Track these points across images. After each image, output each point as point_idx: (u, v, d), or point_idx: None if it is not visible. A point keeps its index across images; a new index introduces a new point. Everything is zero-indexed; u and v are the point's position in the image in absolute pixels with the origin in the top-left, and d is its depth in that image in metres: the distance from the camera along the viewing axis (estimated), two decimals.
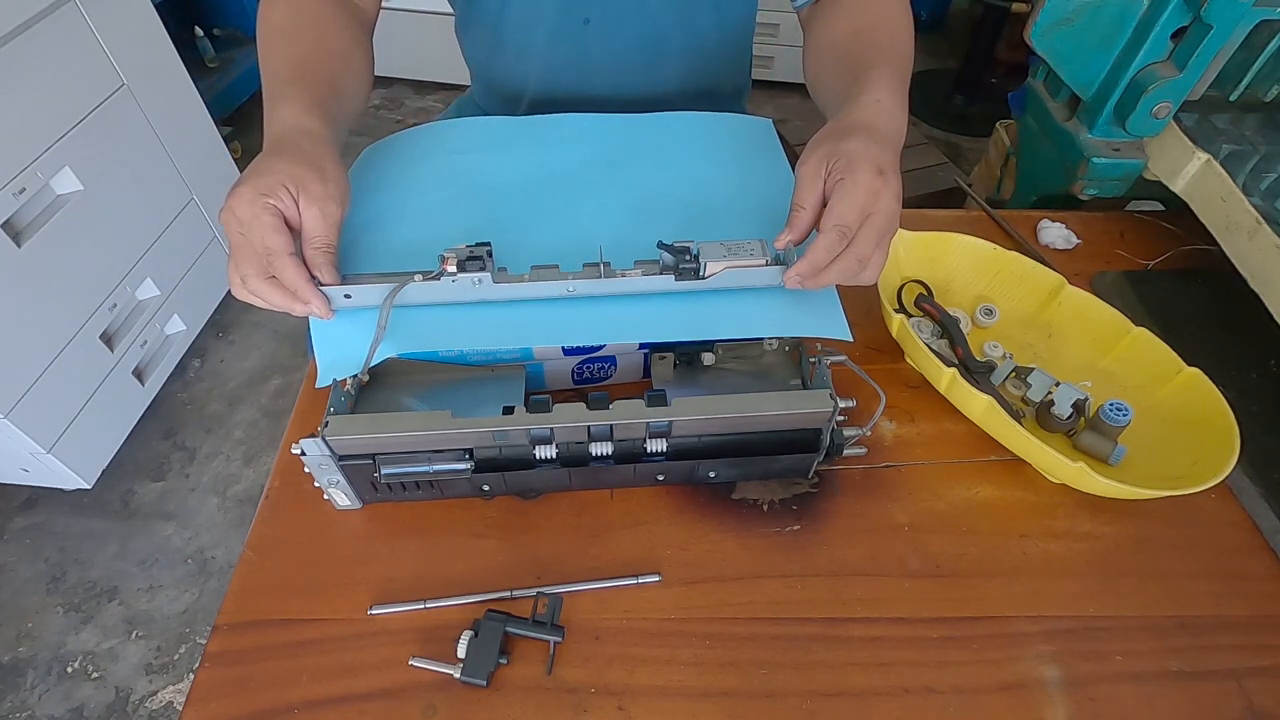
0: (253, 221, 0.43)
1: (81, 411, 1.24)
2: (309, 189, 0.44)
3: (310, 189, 0.44)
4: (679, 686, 0.44)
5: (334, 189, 0.45)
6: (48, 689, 1.14)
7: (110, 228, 1.26)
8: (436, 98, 2.38)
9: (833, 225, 0.45)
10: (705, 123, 0.66)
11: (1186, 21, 0.65)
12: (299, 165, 0.44)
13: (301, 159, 0.45)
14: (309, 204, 0.44)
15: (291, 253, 0.44)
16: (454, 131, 0.65)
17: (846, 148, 0.46)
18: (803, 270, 0.46)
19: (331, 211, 0.45)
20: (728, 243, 0.49)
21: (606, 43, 0.70)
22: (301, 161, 0.44)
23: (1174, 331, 0.57)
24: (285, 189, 0.43)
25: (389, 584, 0.48)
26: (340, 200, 0.46)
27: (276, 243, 0.43)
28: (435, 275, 0.47)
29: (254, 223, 0.43)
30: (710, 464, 0.50)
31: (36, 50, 1.09)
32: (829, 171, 0.46)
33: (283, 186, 0.43)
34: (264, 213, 0.42)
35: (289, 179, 0.43)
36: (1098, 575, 0.49)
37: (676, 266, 0.48)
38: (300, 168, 0.44)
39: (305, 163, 0.44)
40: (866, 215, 0.45)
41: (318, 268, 0.45)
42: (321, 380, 0.48)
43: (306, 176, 0.44)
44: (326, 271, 0.45)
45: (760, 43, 2.23)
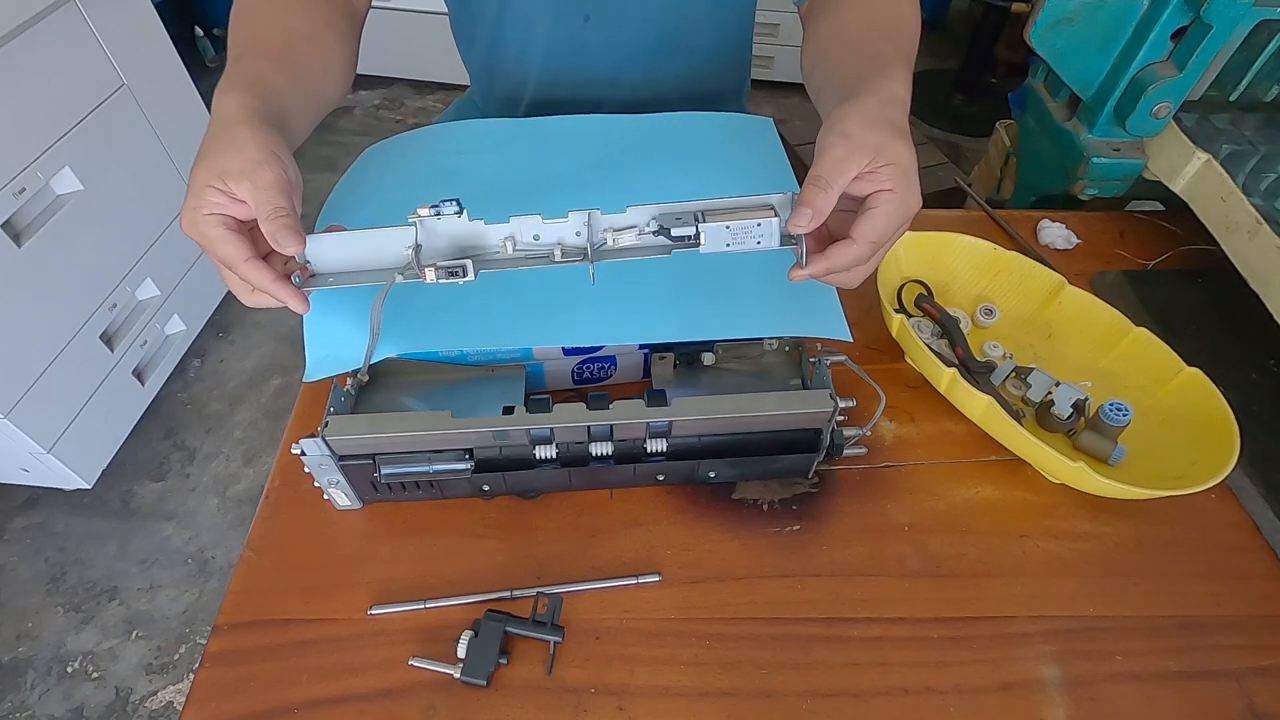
0: (202, 240, 0.41)
1: (81, 411, 1.24)
2: (229, 170, 0.40)
3: (230, 169, 0.40)
4: (679, 686, 0.44)
5: (254, 152, 0.41)
6: (48, 689, 1.14)
7: (110, 228, 1.26)
8: (436, 98, 2.38)
9: (870, 240, 0.41)
10: (706, 122, 0.66)
11: (1186, 21, 0.65)
12: (212, 157, 0.41)
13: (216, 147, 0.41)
14: (237, 182, 0.40)
15: (248, 258, 0.41)
16: (455, 133, 0.65)
17: (897, 152, 0.41)
18: (817, 271, 0.43)
19: (261, 175, 0.41)
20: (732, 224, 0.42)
21: (606, 40, 0.70)
22: (214, 150, 0.41)
23: (1174, 331, 0.57)
24: (211, 188, 0.40)
25: (389, 584, 0.48)
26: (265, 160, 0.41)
27: (229, 253, 0.41)
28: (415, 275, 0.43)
29: (204, 240, 0.41)
30: (710, 464, 0.50)
31: (36, 50, 1.09)
32: (874, 168, 0.41)
33: (208, 187, 0.40)
34: (206, 226, 0.40)
35: (210, 176, 0.40)
36: (1098, 575, 0.49)
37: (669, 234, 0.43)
38: (214, 158, 0.41)
39: (217, 149, 0.41)
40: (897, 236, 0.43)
41: (277, 241, 0.41)
42: (309, 375, 0.48)
43: (222, 161, 0.41)
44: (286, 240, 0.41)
45: (760, 43, 2.23)
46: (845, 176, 0.41)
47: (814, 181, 0.41)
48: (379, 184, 0.59)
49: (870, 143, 0.41)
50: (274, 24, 0.51)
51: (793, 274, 0.43)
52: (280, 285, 0.41)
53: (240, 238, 0.41)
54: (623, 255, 0.43)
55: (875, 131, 0.41)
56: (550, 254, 0.43)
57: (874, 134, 0.41)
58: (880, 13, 0.55)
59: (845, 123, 0.42)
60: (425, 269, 0.42)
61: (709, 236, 0.42)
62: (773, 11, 2.14)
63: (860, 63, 0.51)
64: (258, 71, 0.47)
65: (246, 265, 0.41)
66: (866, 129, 0.41)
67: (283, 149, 0.43)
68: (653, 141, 0.63)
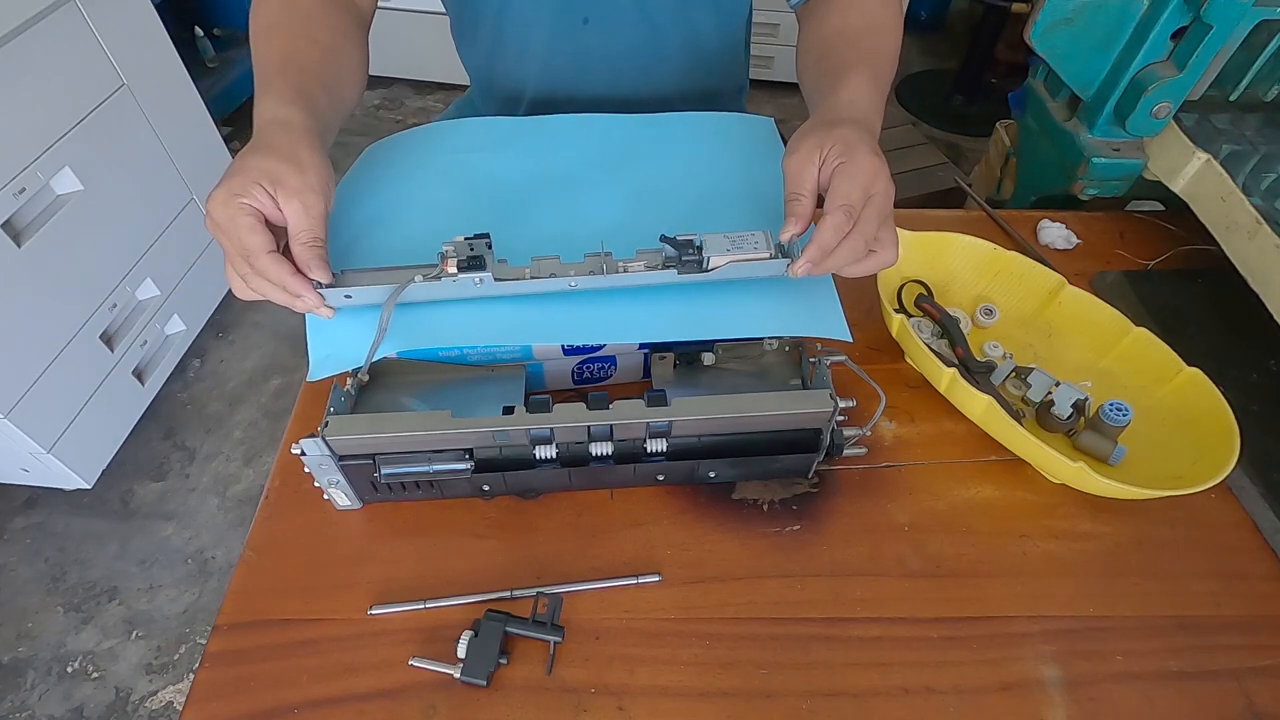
0: (229, 224, 0.41)
1: (81, 411, 1.24)
2: (286, 183, 0.42)
3: (287, 183, 0.42)
4: (679, 686, 0.44)
5: (313, 179, 0.43)
6: (48, 689, 1.14)
7: (110, 228, 1.26)
8: (436, 98, 2.38)
9: (838, 205, 0.44)
10: (706, 122, 0.66)
11: (1186, 21, 0.65)
12: (273, 160, 0.42)
13: (276, 153, 0.43)
14: (288, 198, 0.42)
15: (270, 250, 0.42)
16: (456, 131, 0.65)
17: (839, 133, 0.46)
18: (812, 255, 0.44)
19: (313, 203, 0.43)
20: (731, 235, 0.48)
21: (606, 41, 0.70)
22: (276, 155, 0.43)
23: (1174, 331, 0.57)
24: (260, 186, 0.42)
25: (389, 584, 0.48)
26: (321, 190, 0.44)
27: (253, 242, 0.42)
28: (435, 275, 0.46)
29: (230, 225, 0.41)
30: (710, 464, 0.50)
31: (36, 50, 1.09)
32: (824, 157, 0.45)
33: (257, 184, 0.41)
34: (238, 213, 0.41)
35: (263, 175, 0.42)
36: (1098, 575, 0.49)
37: (679, 259, 0.47)
38: (275, 162, 0.42)
39: (280, 156, 0.43)
40: (869, 196, 0.44)
41: (307, 265, 0.43)
42: (312, 375, 0.48)
43: (282, 170, 0.42)
44: (318, 268, 0.43)
45: (760, 43, 2.23)
46: (809, 181, 0.46)
47: (789, 197, 0.47)
48: (381, 183, 0.59)
49: (810, 143, 0.46)
50: (303, 37, 0.53)
51: (791, 269, 0.46)
52: (298, 279, 0.43)
53: (266, 231, 0.43)
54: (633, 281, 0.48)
55: (814, 135, 0.47)
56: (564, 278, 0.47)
57: (813, 137, 0.46)
58: (854, 20, 0.58)
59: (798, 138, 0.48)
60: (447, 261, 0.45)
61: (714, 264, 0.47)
62: (773, 11, 2.14)
63: (822, 74, 0.56)
64: (306, 88, 0.49)
65: (269, 257, 0.42)
66: (805, 138, 0.47)
67: (333, 179, 0.46)
68: (653, 141, 0.63)
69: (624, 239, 0.53)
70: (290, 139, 0.44)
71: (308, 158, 0.44)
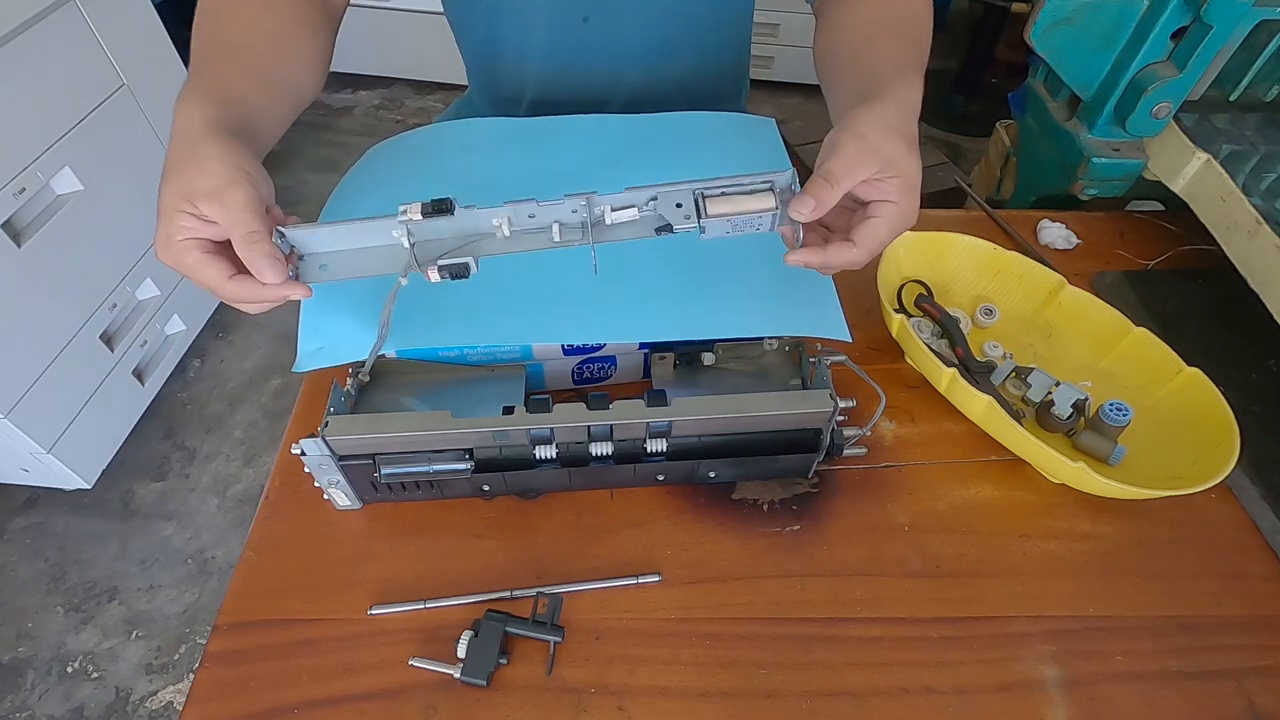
0: (179, 267, 0.40)
1: (81, 411, 1.24)
2: (196, 190, 0.39)
3: (197, 189, 0.39)
4: (679, 686, 0.44)
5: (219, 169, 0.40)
6: (48, 689, 1.14)
7: (110, 228, 1.26)
8: (436, 98, 2.38)
9: (869, 246, 0.42)
10: (708, 122, 0.66)
11: (1186, 21, 0.65)
12: (178, 177, 0.40)
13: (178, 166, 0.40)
14: (207, 205, 0.39)
15: (232, 275, 0.40)
16: (457, 132, 0.65)
17: (908, 165, 0.42)
18: (811, 262, 0.44)
19: (231, 196, 0.39)
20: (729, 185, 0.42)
21: (606, 40, 0.70)
22: (179, 169, 0.40)
23: (1174, 331, 0.57)
24: (181, 214, 0.39)
25: (389, 584, 0.48)
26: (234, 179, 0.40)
27: (208, 276, 0.40)
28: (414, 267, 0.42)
29: (180, 267, 0.40)
30: (710, 464, 0.50)
31: (36, 50, 1.09)
32: (881, 177, 0.42)
33: (178, 213, 0.39)
34: (181, 254, 0.40)
35: (179, 200, 0.39)
36: (1098, 575, 0.49)
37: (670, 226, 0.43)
38: (180, 178, 0.40)
39: (183, 167, 0.40)
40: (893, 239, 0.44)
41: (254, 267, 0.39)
42: (298, 366, 0.48)
43: (189, 181, 0.39)
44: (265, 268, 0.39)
45: (760, 43, 2.23)
46: (854, 177, 0.41)
47: (823, 174, 0.41)
48: (382, 182, 0.59)
49: (884, 151, 0.41)
50: (240, 24, 0.49)
51: (788, 257, 0.44)
52: (271, 290, 0.41)
53: (219, 259, 0.40)
54: (622, 234, 0.43)
55: (891, 140, 0.42)
56: (549, 230, 0.43)
57: (889, 143, 0.42)
58: (895, 9, 0.55)
59: (863, 124, 0.42)
60: (428, 269, 0.41)
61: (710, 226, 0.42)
62: (773, 11, 2.14)
63: (877, 62, 0.51)
64: (219, 78, 0.46)
65: (232, 284, 0.40)
66: (883, 136, 0.42)
67: (250, 162, 0.41)
68: (655, 141, 0.63)
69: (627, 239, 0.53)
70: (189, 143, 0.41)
71: (208, 151, 0.40)
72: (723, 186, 0.42)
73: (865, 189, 0.43)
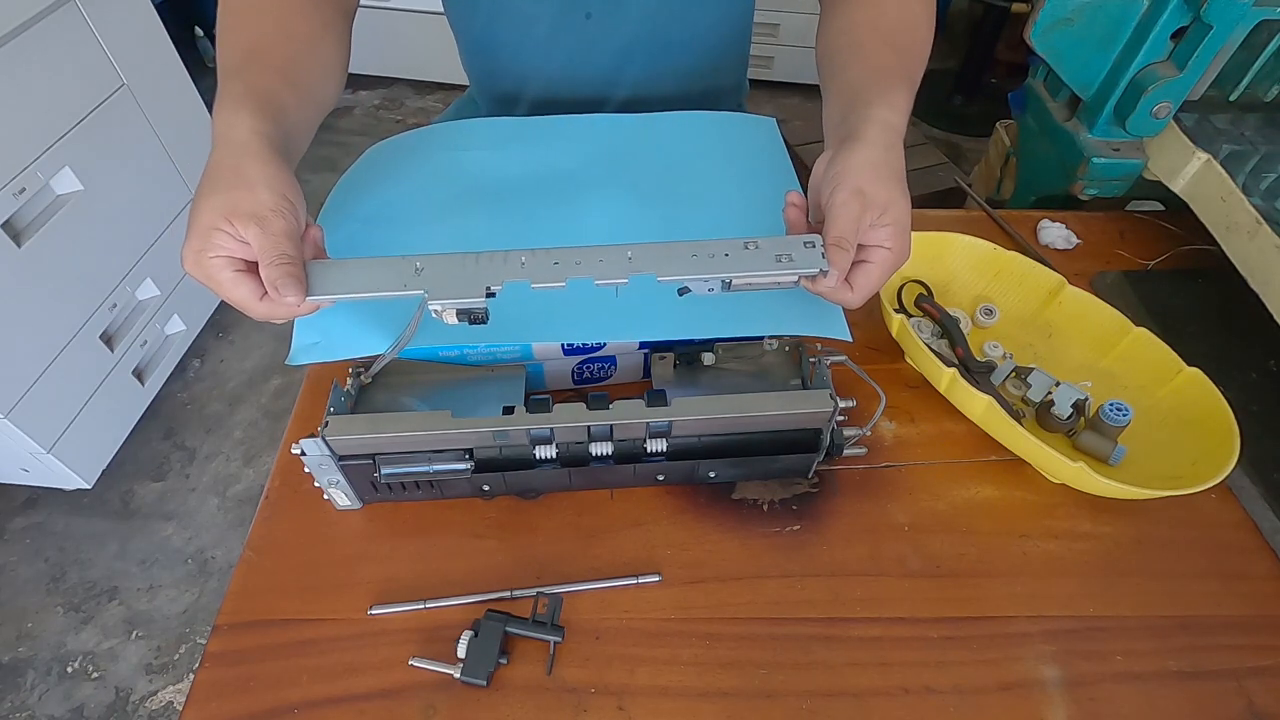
0: (208, 282, 0.40)
1: (81, 411, 1.24)
2: (239, 210, 0.39)
3: (240, 209, 0.39)
4: (679, 686, 0.44)
5: (265, 195, 0.40)
6: (48, 689, 1.14)
7: (110, 228, 1.26)
8: (436, 98, 2.38)
9: (865, 290, 0.44)
10: (709, 122, 0.66)
11: (1186, 21, 0.65)
12: (221, 192, 0.40)
13: (223, 182, 0.40)
14: (245, 225, 0.39)
15: (262, 296, 0.40)
16: (457, 131, 0.65)
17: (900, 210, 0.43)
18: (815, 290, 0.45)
19: (271, 221, 0.40)
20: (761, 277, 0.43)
21: (607, 37, 0.70)
22: (224, 185, 0.40)
23: (1174, 331, 0.57)
24: (219, 231, 0.39)
25: (389, 584, 0.48)
26: (276, 205, 0.40)
27: (240, 295, 0.40)
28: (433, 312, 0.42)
29: (210, 283, 0.40)
30: (710, 464, 0.50)
31: (36, 50, 1.09)
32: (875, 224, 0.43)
33: (215, 230, 0.39)
34: (213, 270, 0.39)
35: (218, 217, 0.39)
36: (1098, 575, 0.49)
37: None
38: (223, 194, 0.39)
39: (228, 184, 0.40)
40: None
41: (275, 288, 0.39)
42: (292, 359, 0.48)
43: (233, 200, 0.39)
44: (287, 288, 0.39)
45: (760, 43, 2.23)
46: (861, 232, 0.43)
47: (837, 244, 0.43)
48: (382, 181, 0.59)
49: (881, 199, 0.43)
50: (274, 28, 0.49)
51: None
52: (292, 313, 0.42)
53: (251, 278, 0.40)
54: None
55: (885, 187, 0.43)
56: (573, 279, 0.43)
57: (884, 190, 0.43)
58: (890, 16, 0.54)
59: (856, 176, 0.43)
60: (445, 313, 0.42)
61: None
62: (773, 11, 2.14)
63: (862, 73, 0.51)
64: (265, 87, 0.45)
65: (263, 305, 0.41)
66: (878, 185, 0.43)
67: (292, 188, 0.42)
68: (657, 140, 0.63)
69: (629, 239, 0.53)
70: (235, 157, 0.41)
71: (256, 173, 0.40)
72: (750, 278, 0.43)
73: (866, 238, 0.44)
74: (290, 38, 0.49)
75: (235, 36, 0.48)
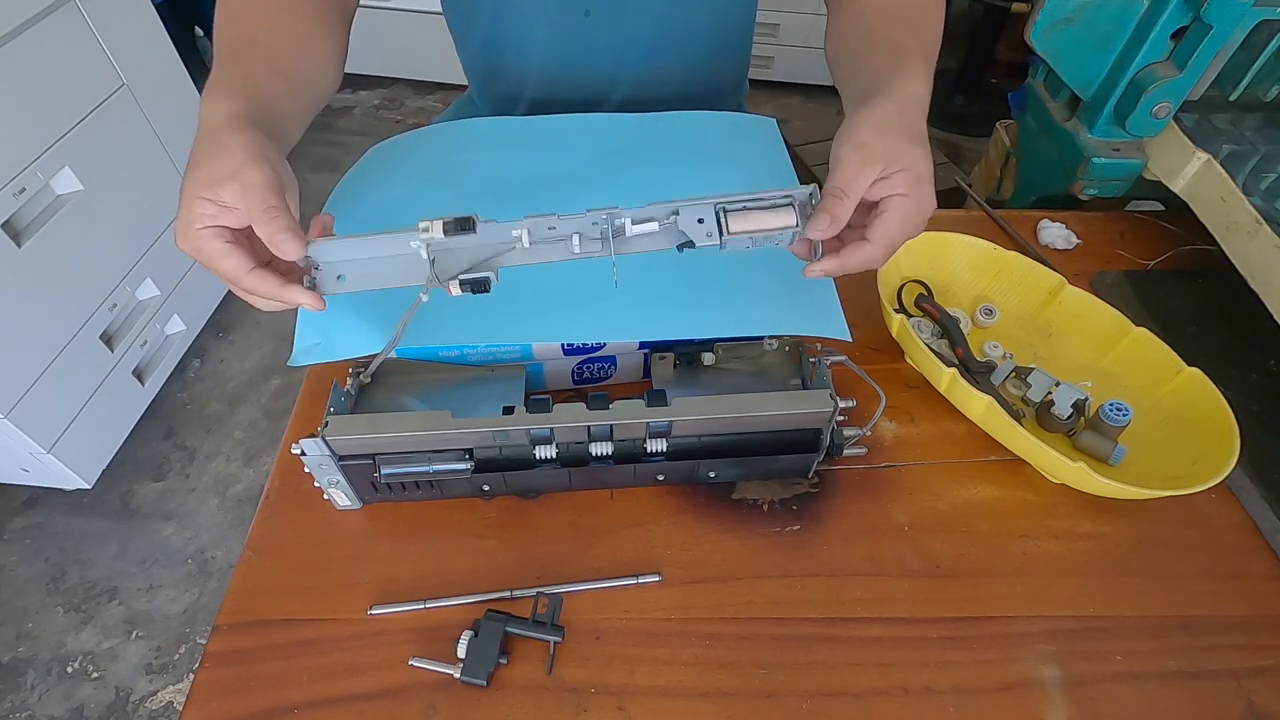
0: (197, 255, 0.40)
1: (81, 411, 1.24)
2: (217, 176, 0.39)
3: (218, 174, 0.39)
4: (679, 686, 0.44)
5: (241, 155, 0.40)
6: (48, 689, 1.14)
7: (110, 228, 1.26)
8: (436, 98, 2.38)
9: (884, 242, 0.43)
10: (710, 122, 0.66)
11: (1186, 21, 0.65)
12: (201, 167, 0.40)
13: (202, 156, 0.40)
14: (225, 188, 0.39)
15: (251, 269, 0.40)
16: (460, 131, 0.65)
17: (911, 158, 0.42)
18: (830, 270, 0.44)
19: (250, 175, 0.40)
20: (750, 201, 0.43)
21: (607, 35, 0.70)
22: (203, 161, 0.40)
23: (1174, 331, 0.57)
24: (203, 201, 0.39)
25: (389, 584, 0.48)
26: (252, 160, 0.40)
27: (229, 267, 0.40)
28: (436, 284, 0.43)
29: (199, 255, 0.40)
30: (710, 464, 0.50)
31: (36, 50, 1.09)
32: (888, 174, 0.42)
33: (200, 201, 0.39)
34: (201, 242, 0.40)
35: (201, 189, 0.39)
36: (1098, 575, 0.49)
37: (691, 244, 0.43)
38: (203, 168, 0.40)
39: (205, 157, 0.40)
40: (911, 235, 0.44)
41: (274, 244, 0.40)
42: (294, 360, 0.48)
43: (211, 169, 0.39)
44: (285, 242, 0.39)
45: (760, 42, 2.23)
46: (861, 185, 0.42)
47: (832, 192, 0.42)
48: (383, 181, 0.59)
49: (883, 151, 0.42)
50: (266, 21, 0.50)
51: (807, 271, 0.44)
52: (290, 290, 0.41)
53: (239, 249, 0.40)
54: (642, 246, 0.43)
55: (888, 139, 0.42)
56: (569, 241, 0.42)
57: (887, 142, 0.42)
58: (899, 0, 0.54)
59: (861, 131, 0.43)
60: (449, 283, 0.41)
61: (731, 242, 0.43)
62: (773, 11, 2.14)
63: (878, 58, 0.51)
64: (248, 74, 0.46)
65: (251, 276, 0.40)
66: (880, 137, 0.42)
67: (273, 151, 0.42)
68: (657, 140, 0.63)
69: None
70: (212, 134, 0.41)
71: (232, 140, 0.40)
72: (744, 201, 0.42)
73: (874, 190, 0.43)
74: (280, 29, 0.50)
75: (227, 31, 0.48)
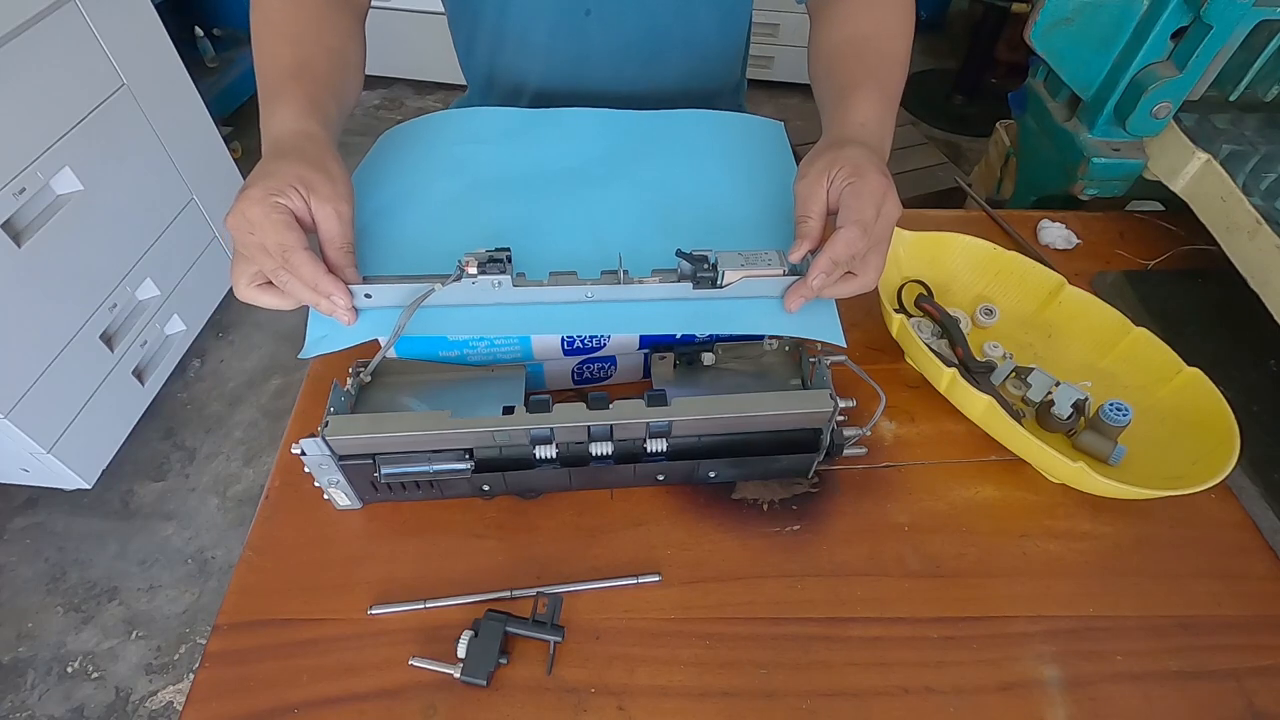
0: (263, 221, 0.42)
1: (81, 411, 1.24)
2: (319, 190, 0.44)
3: (320, 190, 0.44)
4: (679, 686, 0.44)
5: (342, 189, 0.46)
6: (48, 689, 1.14)
7: (110, 228, 1.26)
8: (436, 98, 2.38)
9: (853, 220, 0.45)
10: (717, 122, 0.66)
11: (1186, 21, 0.65)
12: (305, 168, 0.44)
13: (306, 162, 0.45)
14: (321, 205, 0.44)
15: (306, 247, 0.44)
16: (467, 120, 0.65)
17: (847, 154, 0.47)
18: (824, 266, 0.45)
19: (345, 211, 0.46)
20: (745, 253, 0.49)
21: (607, 34, 0.70)
22: (307, 164, 0.45)
23: (1174, 331, 0.57)
24: (294, 189, 0.43)
25: (389, 584, 0.48)
26: (349, 200, 0.46)
27: (290, 238, 0.43)
28: (455, 277, 0.47)
29: (264, 222, 0.42)
30: (710, 464, 0.50)
31: (36, 50, 1.09)
32: (832, 179, 0.47)
33: (291, 187, 0.43)
34: (273, 211, 0.43)
35: (297, 180, 0.44)
36: (1098, 575, 0.49)
37: (694, 275, 0.48)
38: (306, 169, 0.44)
39: (311, 165, 0.45)
40: (878, 214, 0.46)
41: (340, 269, 0.46)
42: (305, 352, 0.48)
43: (315, 178, 0.44)
44: (350, 272, 0.46)
45: (760, 42, 2.23)
46: (818, 203, 0.47)
47: (798, 219, 0.48)
48: (393, 173, 0.59)
49: (824, 165, 0.47)
50: (314, 43, 0.53)
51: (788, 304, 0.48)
52: (330, 279, 0.44)
53: (300, 230, 0.44)
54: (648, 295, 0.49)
55: (823, 158, 0.48)
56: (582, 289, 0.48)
57: (821, 160, 0.48)
58: (863, 26, 0.58)
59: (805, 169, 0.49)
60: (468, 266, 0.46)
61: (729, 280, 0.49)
62: (773, 11, 2.14)
63: (830, 89, 0.56)
64: (318, 97, 0.50)
65: (304, 254, 0.43)
66: (814, 162, 0.48)
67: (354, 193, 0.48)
68: (663, 137, 0.63)
69: (632, 237, 0.53)
70: (316, 149, 0.46)
71: (335, 169, 0.46)
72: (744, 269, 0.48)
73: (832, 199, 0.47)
74: (328, 51, 0.54)
75: (282, 45, 0.52)
